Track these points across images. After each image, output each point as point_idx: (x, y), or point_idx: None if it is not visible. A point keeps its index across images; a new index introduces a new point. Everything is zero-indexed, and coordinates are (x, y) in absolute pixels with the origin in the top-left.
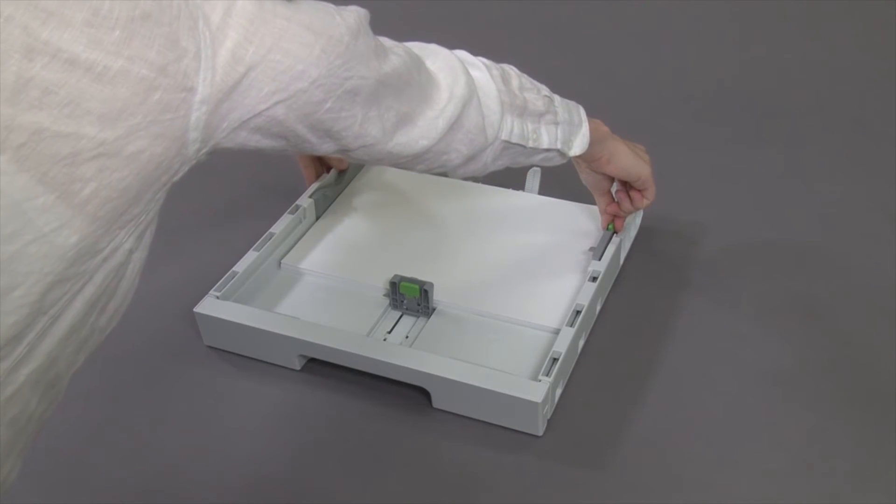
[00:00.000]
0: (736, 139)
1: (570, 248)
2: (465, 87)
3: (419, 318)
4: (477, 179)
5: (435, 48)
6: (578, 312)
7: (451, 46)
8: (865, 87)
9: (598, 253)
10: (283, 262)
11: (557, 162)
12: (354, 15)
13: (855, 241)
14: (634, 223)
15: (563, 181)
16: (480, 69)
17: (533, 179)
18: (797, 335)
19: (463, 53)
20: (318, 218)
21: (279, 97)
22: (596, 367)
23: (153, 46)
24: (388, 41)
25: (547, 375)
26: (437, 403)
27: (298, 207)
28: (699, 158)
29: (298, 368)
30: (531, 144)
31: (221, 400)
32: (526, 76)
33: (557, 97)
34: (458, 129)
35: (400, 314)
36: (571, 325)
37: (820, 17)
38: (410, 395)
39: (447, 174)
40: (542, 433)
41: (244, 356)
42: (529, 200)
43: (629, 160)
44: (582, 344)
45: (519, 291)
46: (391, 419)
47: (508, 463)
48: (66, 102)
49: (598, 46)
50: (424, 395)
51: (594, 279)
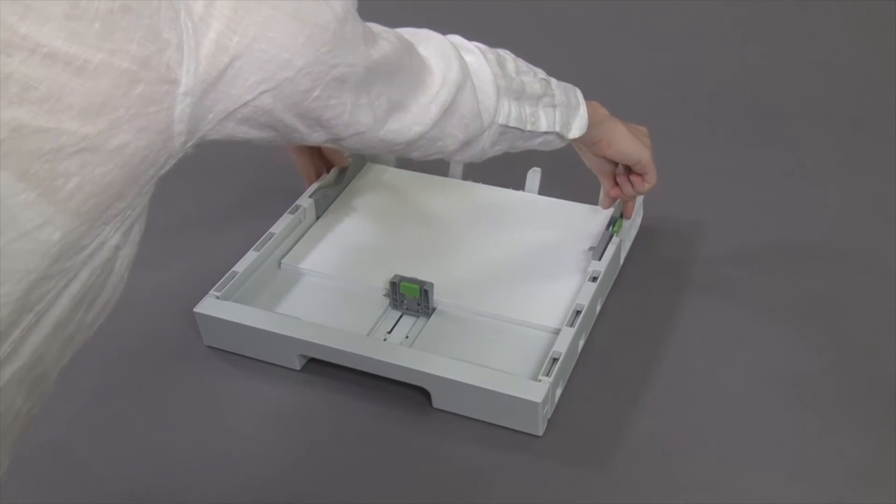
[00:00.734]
0: (736, 139)
1: (570, 248)
2: (458, 71)
3: (419, 318)
4: (476, 174)
5: (427, 33)
6: (578, 312)
7: None
8: (865, 87)
9: (597, 253)
10: (283, 262)
11: (557, 145)
12: (341, 1)
13: (855, 241)
14: (634, 223)
15: (563, 181)
16: (475, 53)
17: (533, 179)
18: (797, 335)
19: (457, 38)
20: (318, 218)
21: (265, 87)
22: (596, 367)
23: (134, 39)
24: (377, 27)
25: (547, 375)
26: (437, 403)
27: (298, 207)
28: (699, 158)
29: (298, 368)
30: (529, 128)
31: (221, 400)
32: (522, 60)
33: (554, 80)
34: (452, 114)
35: (400, 314)
36: (571, 325)
37: (820, 17)
38: (410, 395)
39: (446, 160)
40: (542, 433)
41: (244, 356)
42: (529, 200)
43: (628, 144)
44: (582, 344)
45: (519, 291)
46: (391, 419)
47: (508, 463)
48: (46, 98)
49: (598, 46)
50: (424, 395)
51: (594, 279)
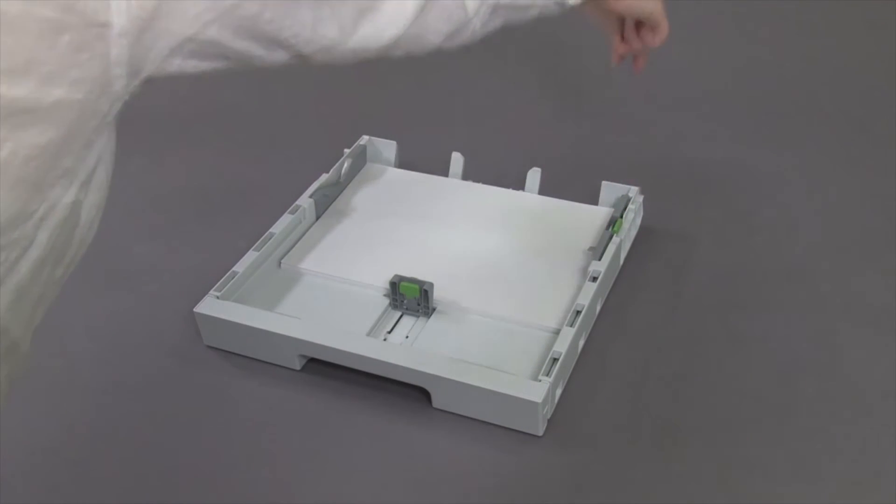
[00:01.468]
0: (736, 139)
1: (570, 248)
2: None
3: (419, 318)
4: (476, 174)
5: None
6: (578, 312)
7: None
8: (865, 87)
9: (597, 253)
10: (283, 262)
11: (555, 12)
12: None
13: (855, 240)
14: (634, 223)
15: (563, 181)
16: None
17: (533, 179)
18: (797, 335)
19: None
20: (318, 218)
21: (208, 17)
22: (596, 367)
23: None
24: None
25: (547, 375)
26: (437, 403)
27: (298, 207)
28: (699, 158)
29: (298, 368)
30: (523, 1)
31: (221, 400)
32: None
33: None
34: (430, 8)
35: (400, 314)
36: (571, 325)
37: (820, 17)
38: (410, 395)
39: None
40: (542, 433)
41: (244, 356)
42: (529, 200)
43: None
44: (582, 344)
45: (519, 291)
46: (391, 419)
47: (508, 463)
48: None
49: (598, 46)
50: (424, 395)
51: (594, 279)
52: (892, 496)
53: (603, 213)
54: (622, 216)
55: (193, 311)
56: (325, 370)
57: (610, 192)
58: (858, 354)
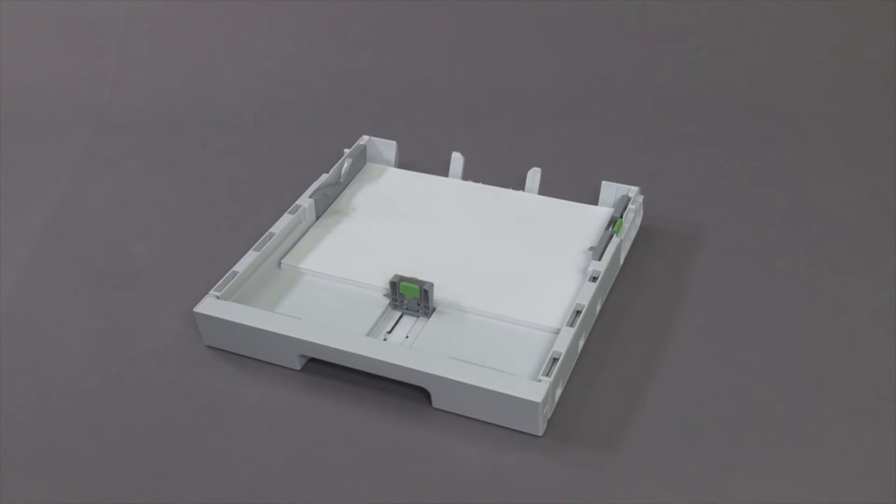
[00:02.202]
0: (736, 139)
1: (570, 248)
2: None
3: (419, 318)
4: (476, 174)
5: None
6: (578, 312)
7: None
8: (865, 87)
9: (597, 253)
10: (283, 262)
11: None
12: None
13: (855, 241)
14: (634, 223)
15: (563, 181)
16: None
17: (533, 179)
18: (797, 335)
19: None
20: (318, 218)
21: None
22: (596, 367)
23: None
24: None
25: (547, 375)
26: (437, 403)
27: (298, 207)
28: (699, 158)
29: (298, 368)
30: None
31: (221, 400)
32: None
33: None
34: None
35: (400, 314)
36: (571, 325)
37: (820, 17)
38: (410, 395)
39: None
40: (542, 433)
41: (244, 356)
42: (529, 200)
43: None
44: (582, 344)
45: (519, 291)
46: (391, 419)
47: (508, 463)
48: None
49: (598, 46)
50: (424, 395)
51: (594, 279)
52: (892, 496)
53: (603, 213)
54: (622, 216)
55: (193, 311)
56: (325, 370)
57: (610, 192)
58: (858, 354)
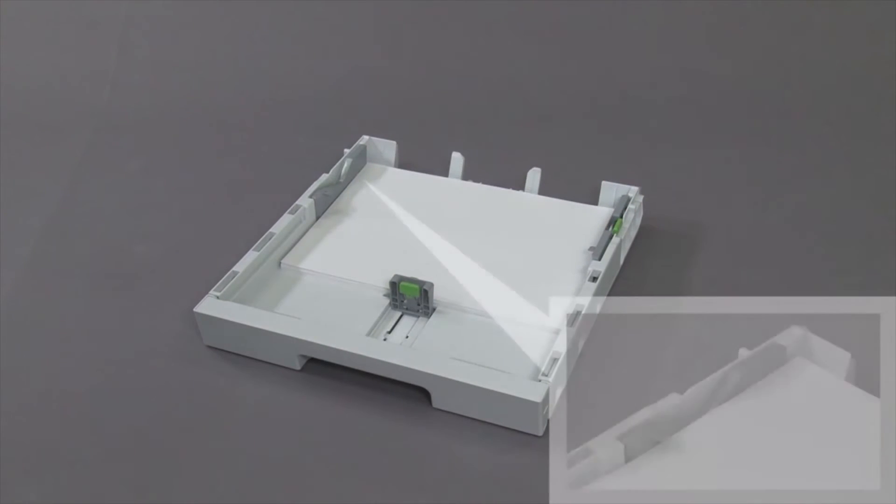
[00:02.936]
0: (736, 139)
1: (570, 248)
2: None
3: (419, 318)
4: (476, 174)
5: None
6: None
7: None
8: (865, 87)
9: (597, 253)
10: (283, 262)
11: None
12: None
13: (855, 241)
14: (634, 223)
15: (563, 181)
16: None
17: (533, 179)
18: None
19: None
20: (318, 218)
21: None
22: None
23: None
24: None
25: (547, 375)
26: (437, 403)
27: (298, 207)
28: (699, 158)
29: (298, 368)
30: None
31: (221, 400)
32: None
33: None
34: None
35: (400, 314)
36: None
37: (819, 17)
38: (410, 395)
39: None
40: (542, 433)
41: (244, 356)
42: (529, 200)
43: None
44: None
45: (519, 291)
46: (391, 419)
47: (508, 463)
48: None
49: (598, 46)
50: (424, 395)
51: (594, 279)
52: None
53: (603, 213)
54: (622, 216)
55: (193, 311)
56: (325, 370)
57: (610, 192)
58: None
